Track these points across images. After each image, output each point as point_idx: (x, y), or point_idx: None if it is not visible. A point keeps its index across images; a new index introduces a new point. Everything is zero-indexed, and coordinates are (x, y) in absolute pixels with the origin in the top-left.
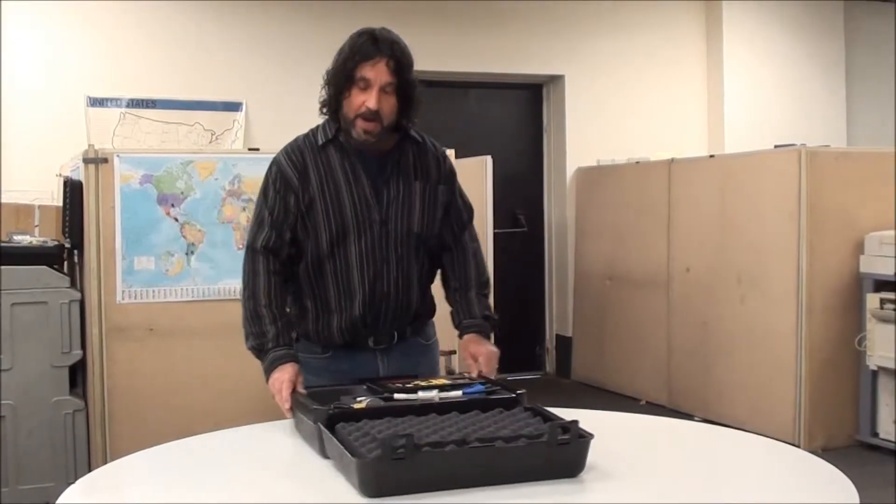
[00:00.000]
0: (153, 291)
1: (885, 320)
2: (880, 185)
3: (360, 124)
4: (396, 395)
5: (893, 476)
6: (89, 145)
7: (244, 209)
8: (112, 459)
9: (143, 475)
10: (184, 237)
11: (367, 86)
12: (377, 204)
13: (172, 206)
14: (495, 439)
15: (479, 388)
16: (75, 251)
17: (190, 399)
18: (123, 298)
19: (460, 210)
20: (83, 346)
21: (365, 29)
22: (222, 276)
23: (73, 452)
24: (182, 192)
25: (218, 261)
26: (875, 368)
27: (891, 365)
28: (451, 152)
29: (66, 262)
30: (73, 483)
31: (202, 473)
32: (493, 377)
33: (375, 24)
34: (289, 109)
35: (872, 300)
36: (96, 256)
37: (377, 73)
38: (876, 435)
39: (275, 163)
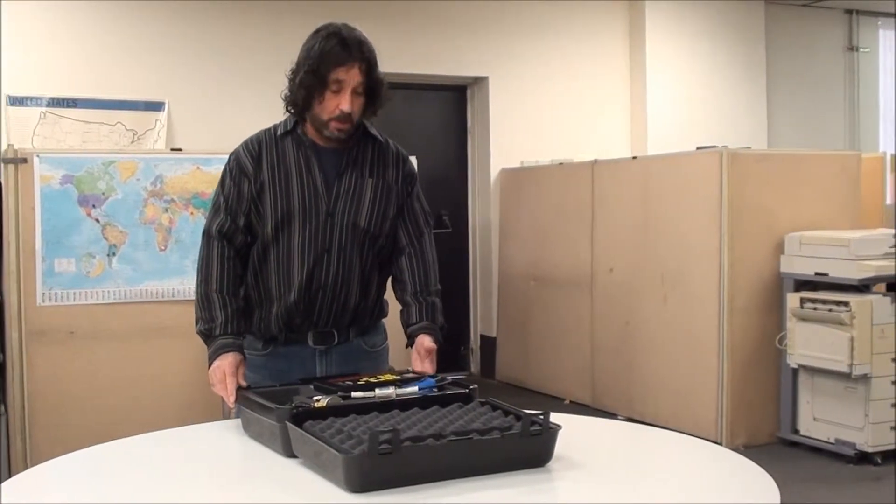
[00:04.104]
0: (74, 294)
1: (805, 319)
2: (800, 187)
3: (335, 125)
4: (354, 394)
5: (814, 472)
6: (8, 145)
7: (166, 210)
8: (33, 465)
9: (66, 480)
10: (105, 238)
11: (339, 88)
12: (326, 195)
13: (94, 206)
14: (469, 432)
15: (430, 382)
16: None
17: (113, 402)
18: (43, 301)
19: (418, 214)
20: (2, 351)
21: (330, 29)
22: (144, 278)
23: None
24: (103, 193)
25: (140, 262)
26: (795, 367)
27: (811, 363)
28: None
29: None
30: None
31: (138, 476)
32: (433, 371)
33: (297, 25)
34: (211, 109)
35: (793, 299)
36: (15, 258)
37: (350, 76)
38: (796, 432)
39: (233, 153)
